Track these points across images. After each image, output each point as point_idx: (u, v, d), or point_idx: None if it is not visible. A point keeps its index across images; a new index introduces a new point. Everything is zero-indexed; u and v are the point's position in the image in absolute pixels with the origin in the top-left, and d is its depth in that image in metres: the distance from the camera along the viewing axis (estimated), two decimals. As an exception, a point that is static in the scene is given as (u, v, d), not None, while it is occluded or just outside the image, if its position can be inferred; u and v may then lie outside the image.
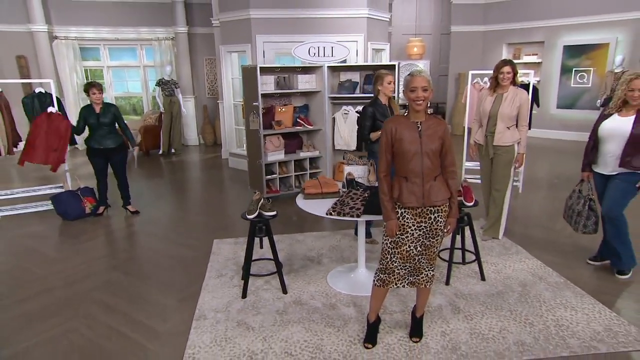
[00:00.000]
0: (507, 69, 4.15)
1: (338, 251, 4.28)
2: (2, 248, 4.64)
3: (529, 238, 4.58)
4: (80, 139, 6.56)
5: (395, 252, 2.65)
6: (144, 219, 5.41)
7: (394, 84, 4.10)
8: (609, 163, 3.54)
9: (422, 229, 2.61)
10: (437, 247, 2.71)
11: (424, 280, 2.74)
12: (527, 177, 6.52)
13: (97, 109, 5.14)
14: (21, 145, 5.59)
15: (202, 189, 6.80)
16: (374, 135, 4.07)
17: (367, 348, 2.83)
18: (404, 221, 2.60)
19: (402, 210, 2.60)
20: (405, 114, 2.63)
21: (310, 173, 6.00)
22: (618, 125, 3.42)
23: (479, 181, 5.39)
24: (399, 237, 2.62)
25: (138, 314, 3.28)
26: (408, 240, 2.62)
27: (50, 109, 5.20)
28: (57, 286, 3.74)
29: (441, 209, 2.61)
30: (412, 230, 2.60)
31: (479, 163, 4.72)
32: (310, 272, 3.86)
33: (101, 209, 5.50)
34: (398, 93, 5.41)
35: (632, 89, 3.31)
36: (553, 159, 8.09)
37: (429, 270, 2.73)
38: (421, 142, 2.50)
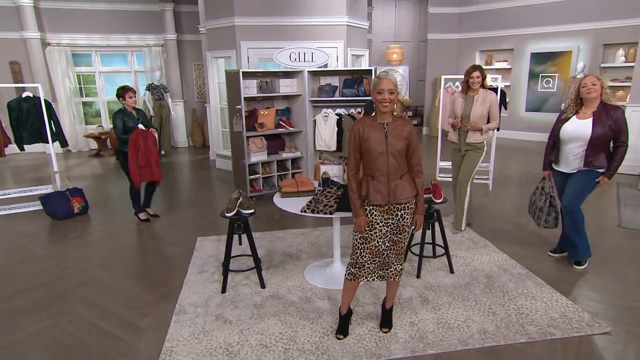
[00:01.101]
0: (476, 73, 4.27)
1: (316, 247, 4.26)
2: (-10, 247, 4.53)
3: (496, 232, 4.60)
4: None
5: (364, 247, 2.64)
6: (132, 218, 5.31)
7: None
8: (570, 163, 3.56)
9: (390, 225, 2.60)
10: (404, 243, 2.70)
11: (392, 274, 2.73)
12: (497, 176, 6.56)
13: (135, 113, 4.77)
14: (10, 147, 5.48)
15: (189, 188, 6.72)
16: None
17: (339, 339, 2.81)
18: (372, 218, 2.59)
19: (370, 207, 2.59)
20: (373, 115, 2.63)
21: (292, 173, 5.96)
22: (578, 128, 3.43)
23: (449, 178, 5.44)
24: (368, 233, 2.61)
25: (119, 309, 3.22)
26: (376, 236, 2.61)
27: (140, 126, 4.66)
28: (42, 283, 3.65)
29: (407, 206, 2.60)
30: (380, 226, 2.59)
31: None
32: (289, 267, 3.83)
33: (144, 215, 5.08)
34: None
35: (585, 84, 3.35)
36: (522, 159, 8.17)
37: (397, 264, 2.72)
38: (387, 142, 2.50)
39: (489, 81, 5.41)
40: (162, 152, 9.10)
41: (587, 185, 3.53)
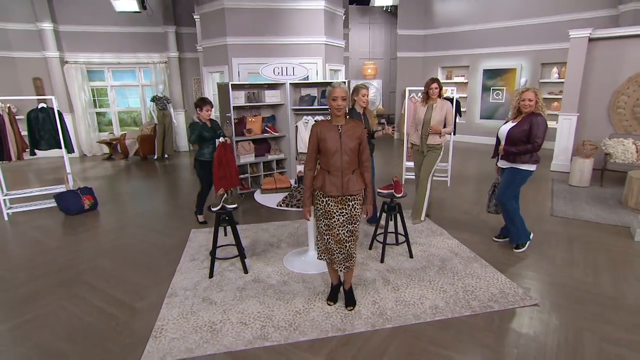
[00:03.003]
0: (434, 85, 4.31)
1: (295, 237, 4.21)
2: (10, 239, 4.40)
3: (451, 222, 4.61)
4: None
5: (328, 234, 2.62)
6: (135, 212, 5.21)
7: (367, 96, 4.00)
8: (501, 157, 3.68)
9: (344, 214, 2.59)
10: (358, 233, 2.70)
11: (353, 265, 2.72)
12: (455, 174, 6.59)
13: (209, 124, 4.40)
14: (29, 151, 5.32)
15: (187, 187, 6.60)
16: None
17: (329, 305, 2.83)
18: (329, 208, 2.59)
19: (326, 198, 2.57)
20: (329, 118, 2.62)
21: (277, 172, 5.89)
22: (504, 129, 3.56)
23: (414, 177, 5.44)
24: (329, 221, 2.60)
25: (119, 293, 3.14)
26: (336, 225, 2.59)
27: (221, 140, 4.32)
28: (53, 270, 3.55)
29: (357, 198, 2.61)
30: (337, 215, 2.58)
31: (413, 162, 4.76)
32: (270, 255, 3.78)
33: (202, 218, 4.72)
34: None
35: (523, 99, 3.39)
36: (476, 160, 8.22)
37: (355, 255, 2.71)
38: (341, 142, 2.49)
39: (447, 93, 5.45)
40: (166, 156, 8.96)
41: (512, 180, 3.58)
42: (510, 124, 3.51)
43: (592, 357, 2.32)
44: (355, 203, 2.59)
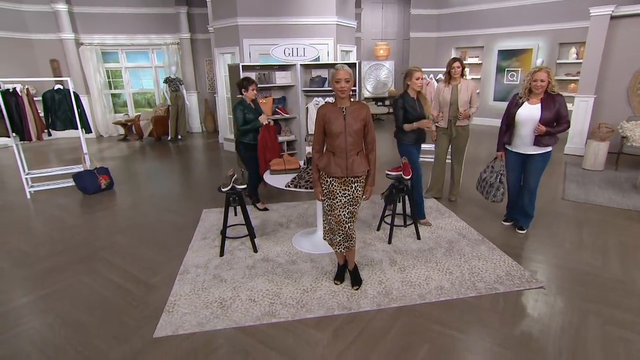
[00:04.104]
0: (457, 64, 4.23)
1: (304, 218, 4.23)
2: (32, 216, 4.53)
3: (460, 204, 4.57)
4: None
5: (331, 214, 2.64)
6: (149, 192, 5.29)
7: (421, 79, 3.65)
8: (527, 143, 3.49)
9: (347, 196, 2.59)
10: (357, 215, 2.71)
11: (352, 245, 2.73)
12: (468, 156, 6.45)
13: (253, 105, 4.21)
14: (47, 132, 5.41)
15: (200, 167, 6.67)
16: (407, 127, 3.69)
17: (336, 284, 2.86)
18: (332, 188, 2.59)
19: (330, 179, 2.58)
20: (333, 101, 2.59)
21: (288, 154, 5.88)
22: (530, 113, 3.38)
23: (429, 159, 5.40)
24: (331, 202, 2.61)
25: (134, 269, 3.23)
26: (338, 206, 2.60)
27: (264, 122, 4.15)
28: (71, 247, 3.67)
29: (360, 180, 2.62)
30: (339, 196, 2.59)
31: (433, 145, 4.73)
32: (279, 234, 3.81)
33: (261, 205, 4.47)
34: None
35: (535, 80, 3.28)
36: (488, 142, 8.04)
37: (354, 236, 2.72)
38: (345, 124, 2.47)
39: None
40: (179, 137, 9.03)
41: (545, 164, 3.53)
42: (529, 107, 3.38)
43: (595, 339, 2.31)
44: (357, 185, 2.60)
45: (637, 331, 2.37)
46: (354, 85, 5.27)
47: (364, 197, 2.66)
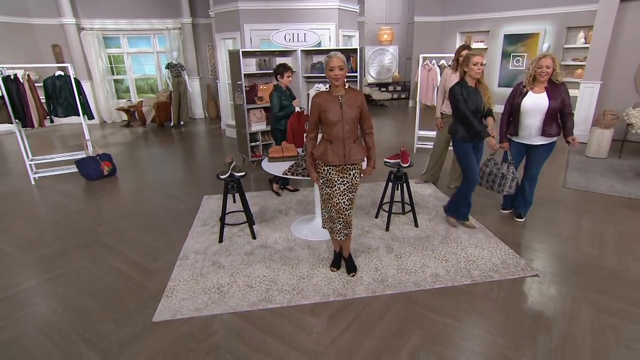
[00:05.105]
0: (465, 52, 4.06)
1: (304, 205, 4.25)
2: (37, 202, 4.59)
3: (458, 192, 4.54)
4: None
5: (329, 202, 2.64)
6: (151, 178, 5.33)
7: (480, 65, 3.14)
8: (533, 134, 3.40)
9: (345, 183, 2.60)
10: (355, 201, 2.72)
11: (350, 232, 2.75)
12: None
13: (288, 91, 4.22)
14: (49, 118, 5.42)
15: (202, 153, 6.68)
16: (489, 121, 3.34)
17: (332, 271, 2.89)
18: (330, 176, 2.60)
19: (328, 167, 2.58)
20: (327, 89, 2.57)
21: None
22: (536, 102, 3.30)
23: (429, 146, 5.36)
24: (330, 190, 2.62)
25: (135, 254, 3.28)
26: (337, 194, 2.61)
27: (297, 109, 4.21)
28: (75, 232, 3.72)
29: (357, 167, 2.63)
30: (337, 184, 2.59)
31: (435, 131, 4.72)
32: (278, 221, 3.84)
33: (277, 187, 4.51)
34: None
35: (541, 66, 3.21)
36: (495, 128, 7.96)
37: (351, 222, 2.74)
38: (342, 112, 2.45)
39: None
40: (182, 123, 9.02)
41: (549, 155, 3.50)
42: (534, 96, 3.30)
43: (586, 326, 2.33)
44: (355, 172, 2.60)
45: (627, 319, 2.39)
46: (355, 71, 5.19)
47: (362, 175, 2.69)
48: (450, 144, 4.60)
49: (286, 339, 2.27)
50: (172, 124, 8.94)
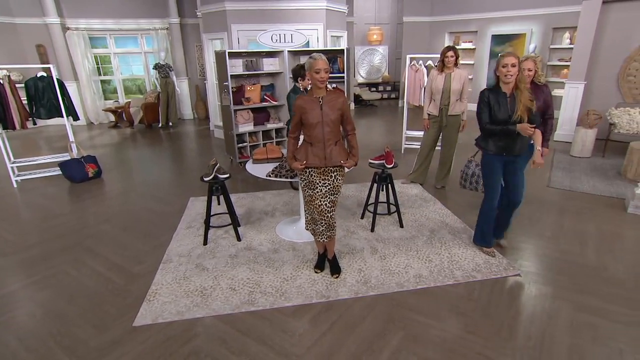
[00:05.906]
0: (450, 53, 4.19)
1: (290, 206, 4.24)
2: (18, 205, 4.51)
3: (446, 193, 4.58)
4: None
5: (312, 205, 2.64)
6: (137, 180, 5.27)
7: (512, 67, 2.63)
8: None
9: (327, 185, 2.60)
10: (337, 203, 2.72)
11: (333, 234, 2.75)
12: (460, 142, 6.43)
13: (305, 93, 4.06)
14: (31, 120, 5.33)
15: (189, 155, 6.63)
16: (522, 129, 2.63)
17: (316, 272, 2.89)
18: (312, 179, 2.60)
19: (309, 169, 2.58)
20: (309, 88, 2.58)
21: (276, 141, 5.86)
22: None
23: (417, 146, 5.38)
24: (312, 192, 2.62)
25: (118, 258, 3.24)
26: (319, 196, 2.61)
27: None
28: (57, 236, 3.67)
29: (339, 169, 2.63)
30: (319, 186, 2.59)
31: (422, 132, 4.75)
32: (264, 223, 3.82)
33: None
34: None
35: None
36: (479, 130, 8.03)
37: (335, 224, 2.74)
38: (322, 114, 2.45)
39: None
40: (170, 124, 8.94)
41: (526, 164, 3.14)
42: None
43: (564, 325, 2.36)
44: (337, 174, 2.61)
45: (604, 316, 2.43)
46: (342, 72, 5.20)
47: (342, 162, 2.57)
48: (438, 144, 4.68)
49: (267, 341, 2.27)
50: (160, 124, 8.86)
